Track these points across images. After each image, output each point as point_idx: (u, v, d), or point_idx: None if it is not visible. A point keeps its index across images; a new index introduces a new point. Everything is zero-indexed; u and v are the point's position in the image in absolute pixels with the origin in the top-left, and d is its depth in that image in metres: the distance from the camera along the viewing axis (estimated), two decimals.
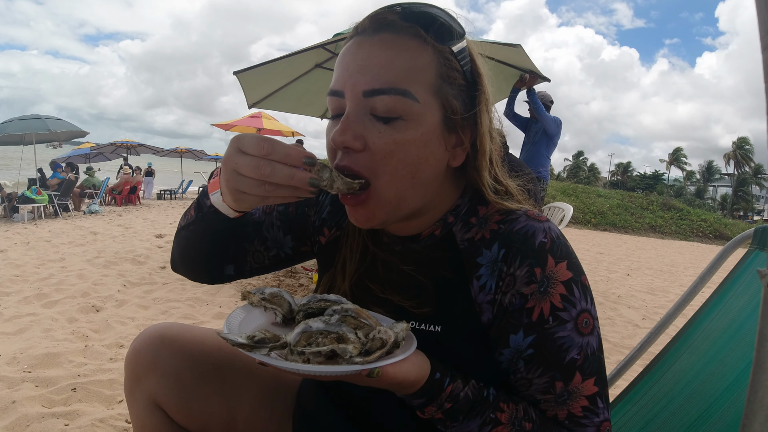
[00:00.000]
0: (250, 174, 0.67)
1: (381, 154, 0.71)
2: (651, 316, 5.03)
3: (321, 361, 0.63)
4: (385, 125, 0.71)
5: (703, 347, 1.13)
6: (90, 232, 8.27)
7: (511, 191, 0.85)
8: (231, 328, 0.71)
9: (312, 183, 0.67)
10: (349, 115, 0.72)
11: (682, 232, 23.06)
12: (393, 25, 0.73)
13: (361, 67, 0.72)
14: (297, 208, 1.01)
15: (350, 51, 0.75)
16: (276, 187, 0.67)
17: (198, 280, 1.00)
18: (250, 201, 0.72)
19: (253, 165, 0.66)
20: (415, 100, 0.71)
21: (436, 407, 0.71)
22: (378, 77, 0.71)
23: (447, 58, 0.75)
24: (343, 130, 0.71)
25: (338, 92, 0.74)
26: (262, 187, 0.67)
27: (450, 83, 0.75)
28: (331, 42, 5.17)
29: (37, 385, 2.39)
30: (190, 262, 0.96)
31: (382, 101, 0.70)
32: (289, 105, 7.20)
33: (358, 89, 0.72)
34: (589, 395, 0.72)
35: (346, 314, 0.70)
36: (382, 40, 0.73)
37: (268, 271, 1.05)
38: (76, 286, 4.37)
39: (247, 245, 1.00)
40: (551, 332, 0.72)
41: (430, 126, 0.73)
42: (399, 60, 0.71)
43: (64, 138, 13.90)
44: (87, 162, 20.91)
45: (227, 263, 0.99)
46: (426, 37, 0.73)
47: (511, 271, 0.74)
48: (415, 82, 0.71)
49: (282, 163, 0.66)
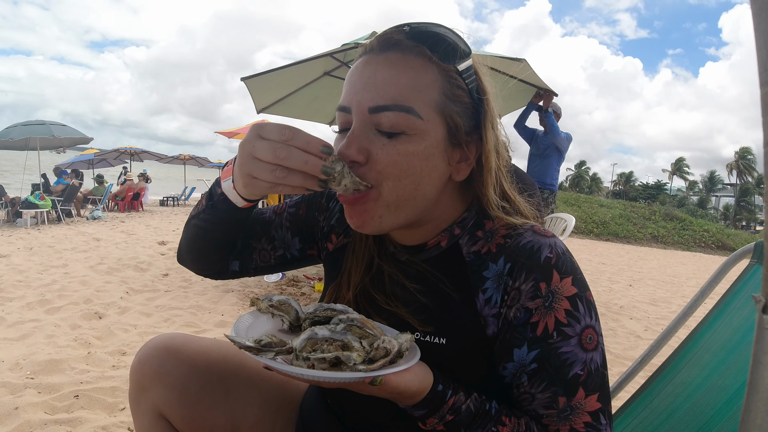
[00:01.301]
0: (265, 157, 0.69)
1: (383, 164, 0.73)
2: (653, 327, 5.01)
3: (325, 367, 0.64)
4: (389, 139, 0.73)
5: (705, 359, 1.13)
6: (93, 238, 8.29)
7: (518, 206, 0.86)
8: (239, 332, 0.73)
9: (325, 171, 0.69)
10: (354, 130, 0.74)
11: (684, 242, 22.99)
12: (399, 44, 0.76)
13: (368, 84, 0.74)
14: (307, 212, 1.02)
15: (358, 69, 0.77)
16: (288, 173, 0.69)
17: (202, 273, 1.01)
18: (260, 187, 0.73)
19: (270, 148, 0.68)
20: (418, 117, 0.73)
21: (437, 419, 0.72)
22: (383, 94, 0.73)
23: (452, 76, 0.76)
24: (348, 144, 0.73)
25: (346, 108, 0.77)
26: (274, 173, 0.69)
27: (454, 101, 0.76)
28: (340, 51, 5.21)
29: (40, 391, 2.40)
30: (197, 253, 0.97)
31: (386, 117, 0.72)
32: (297, 111, 7.25)
33: (364, 105, 0.74)
34: (592, 411, 0.72)
35: (351, 323, 0.71)
36: (388, 59, 0.75)
37: (274, 270, 1.05)
38: (79, 293, 4.38)
39: (255, 243, 1.01)
40: (555, 347, 0.73)
41: (433, 141, 0.75)
42: (404, 78, 0.73)
43: (68, 144, 13.95)
44: (90, 168, 20.97)
45: (233, 258, 1.00)
46: (431, 56, 0.75)
47: (516, 286, 0.75)
48: (419, 100, 0.73)
49: (299, 149, 0.68)
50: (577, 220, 11.50)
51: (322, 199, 1.03)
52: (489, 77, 0.83)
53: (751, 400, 0.37)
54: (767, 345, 0.37)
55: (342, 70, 5.98)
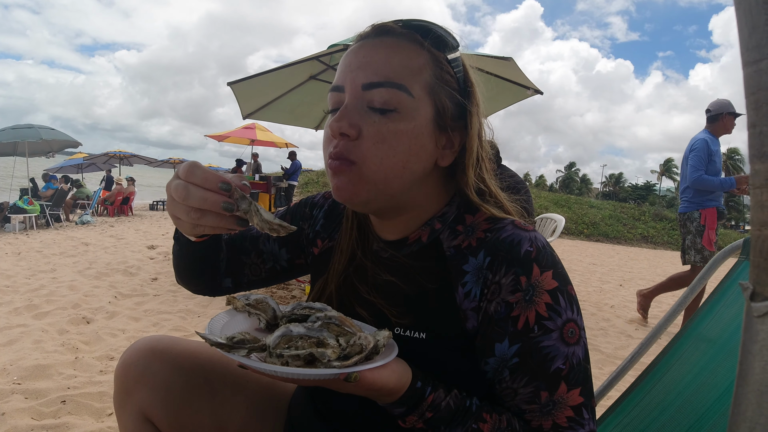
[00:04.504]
0: (176, 197, 0.70)
1: (373, 140, 0.74)
2: (644, 327, 5.04)
3: (299, 364, 0.63)
4: (381, 116, 0.75)
5: (695, 357, 1.13)
6: (81, 242, 8.22)
7: (499, 199, 0.87)
8: (213, 330, 0.71)
9: (227, 207, 0.68)
10: (347, 105, 0.77)
11: (674, 242, 23.14)
12: (393, 31, 0.79)
13: (362, 63, 0.77)
14: (292, 222, 1.04)
15: (353, 51, 0.80)
16: (201, 214, 0.69)
17: (198, 293, 1.03)
18: (185, 227, 0.75)
19: (176, 188, 0.69)
20: (409, 95, 0.76)
21: (417, 416, 0.71)
22: (377, 72, 0.76)
23: (441, 63, 0.80)
24: (340, 117, 0.75)
25: (339, 87, 0.79)
26: (189, 214, 0.70)
27: (443, 85, 0.79)
28: (326, 54, 5.20)
29: (27, 397, 2.36)
30: (185, 279, 0.99)
31: (379, 93, 0.75)
32: (283, 116, 7.23)
33: (358, 83, 0.76)
34: (575, 405, 0.72)
35: (329, 321, 0.71)
36: (382, 41, 0.79)
37: (266, 284, 1.07)
38: (67, 298, 4.33)
39: (245, 258, 1.03)
40: (536, 341, 0.72)
41: (422, 120, 0.77)
42: (397, 58, 0.77)
43: (57, 148, 13.83)
44: (79, 172, 20.82)
45: (224, 276, 1.02)
46: (423, 42, 0.79)
47: (496, 279, 0.75)
48: (411, 79, 0.76)
49: (198, 186, 0.68)
50: (567, 221, 11.53)
51: (306, 208, 1.06)
52: (475, 71, 0.85)
53: (741, 392, 0.37)
54: (755, 334, 0.37)
55: (328, 74, 5.95)
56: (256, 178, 15.16)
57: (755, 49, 0.32)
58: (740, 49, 0.33)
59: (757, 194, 0.36)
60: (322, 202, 1.05)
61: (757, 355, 0.37)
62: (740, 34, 0.33)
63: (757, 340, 0.37)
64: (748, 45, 0.33)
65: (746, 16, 0.32)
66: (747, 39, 0.32)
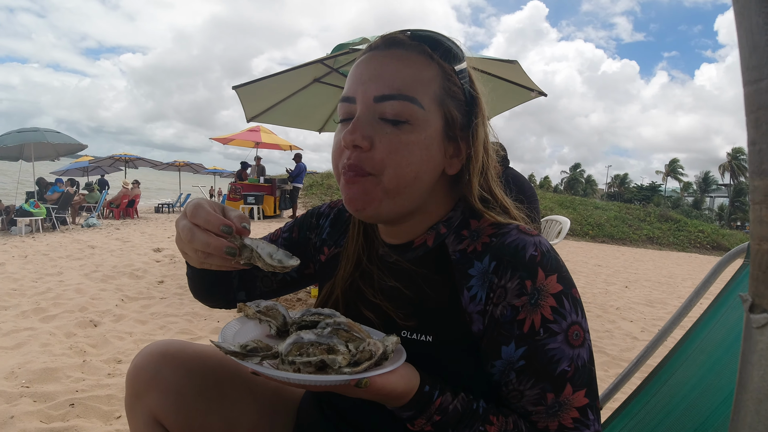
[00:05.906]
0: (183, 237, 0.74)
1: (386, 151, 0.76)
2: (649, 329, 5.03)
3: (311, 371, 0.64)
4: (393, 127, 0.77)
5: (700, 359, 1.13)
6: (88, 245, 8.26)
7: (504, 204, 0.89)
8: (225, 338, 0.73)
9: (229, 251, 0.71)
10: (359, 117, 0.78)
11: (679, 243, 23.08)
12: (403, 43, 0.81)
13: (374, 75, 0.79)
14: (299, 233, 1.07)
15: (363, 62, 0.82)
16: (207, 256, 0.73)
17: (214, 307, 1.08)
18: (194, 263, 0.78)
19: (182, 228, 0.74)
20: (420, 107, 0.77)
21: (425, 419, 0.73)
22: (388, 84, 0.77)
23: (449, 75, 0.81)
24: (354, 130, 0.77)
25: (350, 98, 0.80)
26: (197, 254, 0.74)
27: (451, 97, 0.81)
28: (330, 57, 5.22)
29: (35, 400, 2.39)
30: (199, 296, 1.04)
31: (391, 106, 0.76)
32: (287, 119, 7.25)
33: (370, 95, 0.78)
34: (580, 407, 0.73)
35: (338, 327, 0.72)
36: (393, 53, 0.80)
37: (277, 294, 1.10)
38: (74, 301, 4.36)
39: (256, 271, 1.05)
40: (542, 344, 0.73)
41: (432, 132, 0.79)
42: (407, 71, 0.78)
43: (62, 151, 13.90)
44: (85, 175, 20.92)
45: (239, 290, 1.06)
46: (432, 54, 0.81)
47: (502, 284, 0.76)
48: (421, 91, 0.78)
49: (202, 228, 0.72)
50: (572, 222, 11.52)
51: (313, 219, 1.08)
52: (480, 82, 0.87)
53: (741, 400, 0.38)
54: (755, 344, 0.38)
55: (332, 77, 5.97)
56: (261, 181, 15.23)
57: (755, 69, 0.33)
58: (741, 69, 0.34)
59: (757, 210, 0.37)
60: (327, 212, 1.07)
61: (756, 364, 0.38)
62: (741, 53, 0.34)
63: (755, 350, 0.38)
64: (749, 65, 0.34)
65: (747, 36, 0.33)
66: (748, 59, 0.34)
